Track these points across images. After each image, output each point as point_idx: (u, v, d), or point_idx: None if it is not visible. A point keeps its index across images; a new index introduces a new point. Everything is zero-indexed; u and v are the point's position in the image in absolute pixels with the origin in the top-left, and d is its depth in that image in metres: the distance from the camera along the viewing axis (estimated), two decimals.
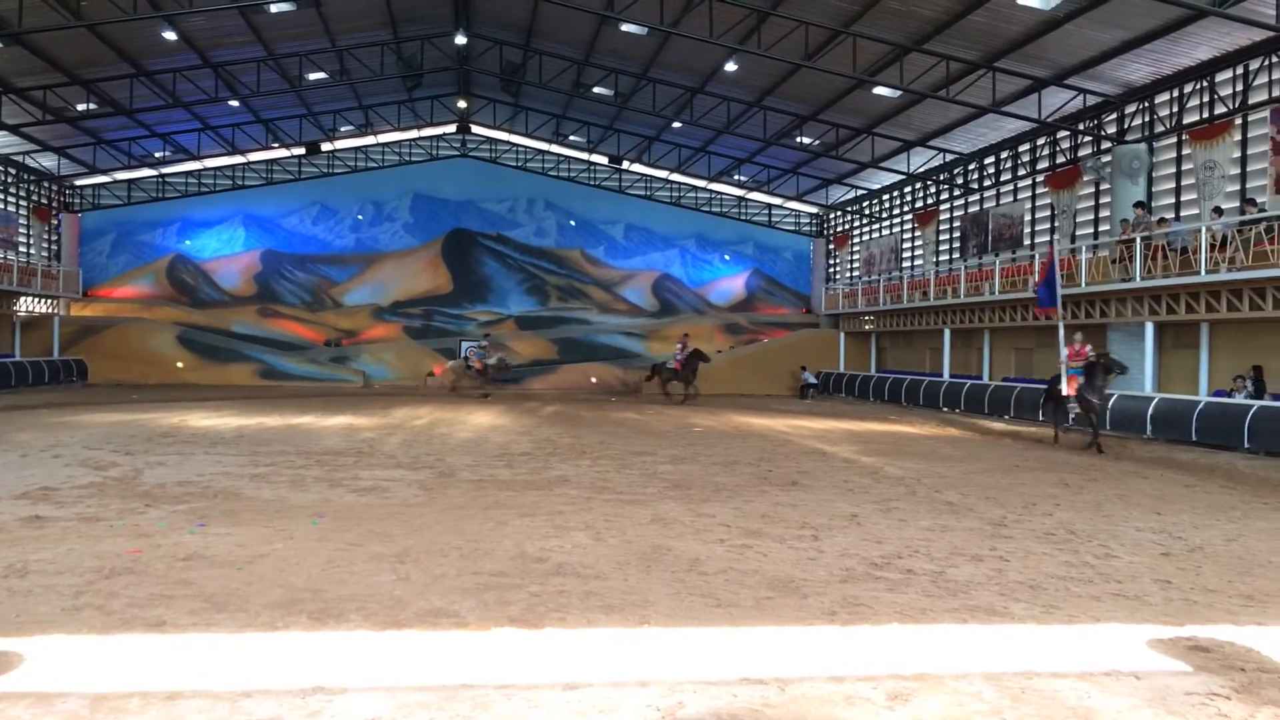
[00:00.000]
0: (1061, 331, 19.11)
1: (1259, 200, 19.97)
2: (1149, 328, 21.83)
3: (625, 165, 40.97)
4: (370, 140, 40.63)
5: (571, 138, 39.84)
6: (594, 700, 4.51)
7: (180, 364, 37.11)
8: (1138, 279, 21.30)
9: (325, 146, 39.43)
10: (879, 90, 26.30)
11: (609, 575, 7.03)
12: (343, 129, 38.51)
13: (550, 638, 5.52)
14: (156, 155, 37.69)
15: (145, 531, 8.35)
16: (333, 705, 4.40)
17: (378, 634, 5.52)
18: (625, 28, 25.27)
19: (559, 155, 42.06)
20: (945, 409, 28.38)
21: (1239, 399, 18.66)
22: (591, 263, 42.63)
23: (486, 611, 6.00)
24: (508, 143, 41.65)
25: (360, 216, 41.62)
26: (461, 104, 38.37)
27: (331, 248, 41.45)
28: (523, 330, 41.47)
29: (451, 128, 41.07)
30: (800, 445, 17.77)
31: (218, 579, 6.70)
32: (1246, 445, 17.31)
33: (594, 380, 40.07)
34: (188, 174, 40.20)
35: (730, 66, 27.26)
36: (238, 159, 39.59)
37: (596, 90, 31.82)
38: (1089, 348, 18.79)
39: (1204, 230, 19.73)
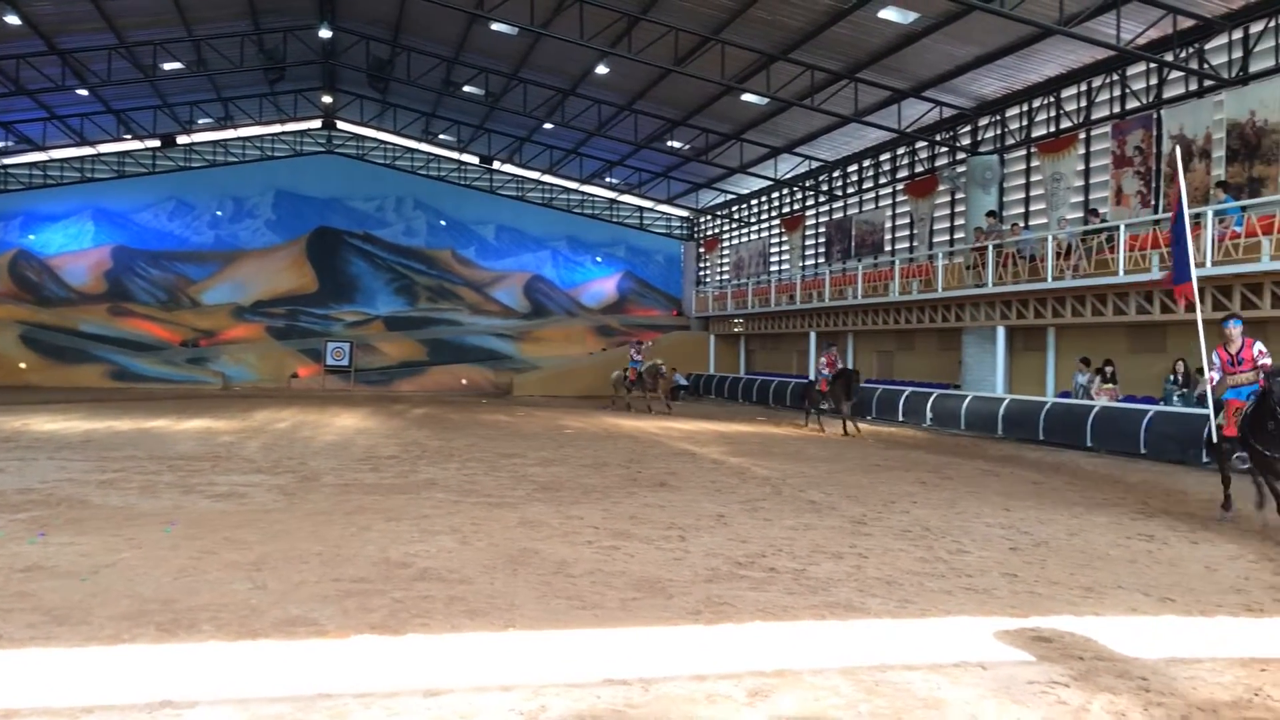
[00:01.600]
0: (1200, 323, 11.29)
1: (1101, 211, 21.07)
2: (1000, 331, 22.79)
3: (496, 165, 40.69)
4: (230, 134, 39.23)
5: (441, 136, 39.33)
6: (455, 706, 4.45)
7: (23, 365, 35.20)
8: (990, 285, 22.22)
9: (181, 139, 37.88)
10: (747, 97, 26.79)
11: (475, 579, 6.96)
12: (200, 121, 37.08)
13: (412, 644, 5.43)
14: None
15: None
16: (181, 719, 4.24)
17: (231, 644, 5.33)
18: (495, 27, 25.10)
19: (429, 154, 41.47)
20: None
21: (1095, 386, 19.65)
22: (462, 263, 42.18)
23: (347, 619, 5.87)
24: (375, 140, 40.86)
25: (219, 212, 40.22)
26: (326, 99, 37.48)
27: (189, 244, 39.92)
28: (391, 331, 40.73)
29: (316, 123, 40.08)
30: (669, 446, 17.93)
31: (59, 590, 6.37)
32: (1089, 444, 18.23)
33: (464, 382, 39.68)
34: (32, 165, 38.11)
35: (601, 69, 27.36)
36: (87, 150, 37.71)
37: (467, 89, 31.49)
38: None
39: (1050, 239, 20.73)
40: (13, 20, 24.10)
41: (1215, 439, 10.76)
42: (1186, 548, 8.94)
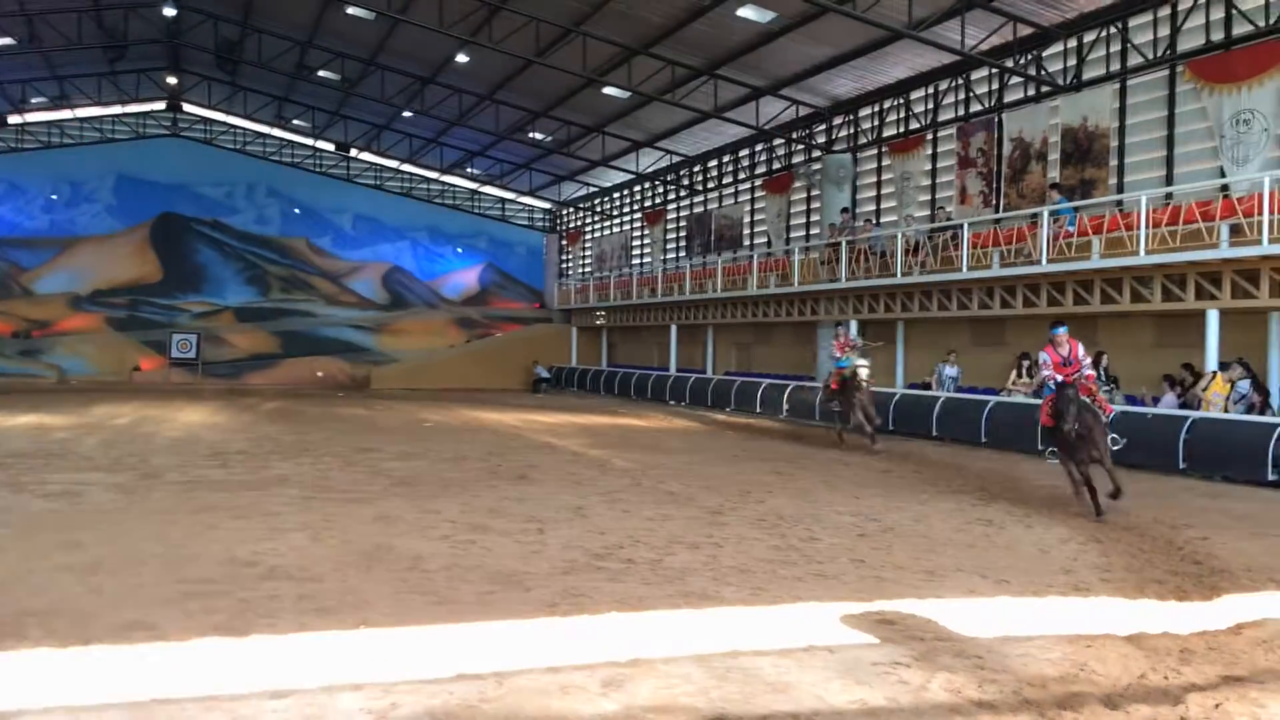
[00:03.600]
0: None
1: (947, 209, 21.94)
2: (853, 325, 23.46)
3: (353, 153, 39.72)
4: (66, 114, 37.10)
5: (295, 122, 38.15)
6: (302, 708, 4.34)
7: None
8: (843, 280, 22.88)
9: (13, 119, 35.71)
10: (609, 90, 26.87)
11: (326, 577, 6.80)
12: (34, 101, 34.93)
13: (258, 645, 5.27)
14: None
15: None
16: None
17: (61, 651, 5.07)
18: (351, 10, 24.51)
19: (282, 139, 40.15)
20: (672, 402, 29.38)
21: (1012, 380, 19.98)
22: (317, 253, 41.03)
23: (189, 621, 5.65)
24: (225, 124, 39.34)
25: (54, 196, 38.09)
26: (172, 80, 35.89)
27: (20, 229, 37.66)
28: (242, 322, 39.35)
29: (161, 105, 38.30)
30: (531, 439, 17.87)
31: None
32: (935, 433, 18.97)
33: (321, 374, 38.67)
34: None
35: (462, 58, 27.01)
36: None
37: (321, 74, 30.65)
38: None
39: (900, 236, 21.47)
40: None
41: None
42: (1022, 531, 9.41)
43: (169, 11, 27.38)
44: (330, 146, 39.54)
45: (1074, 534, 9.29)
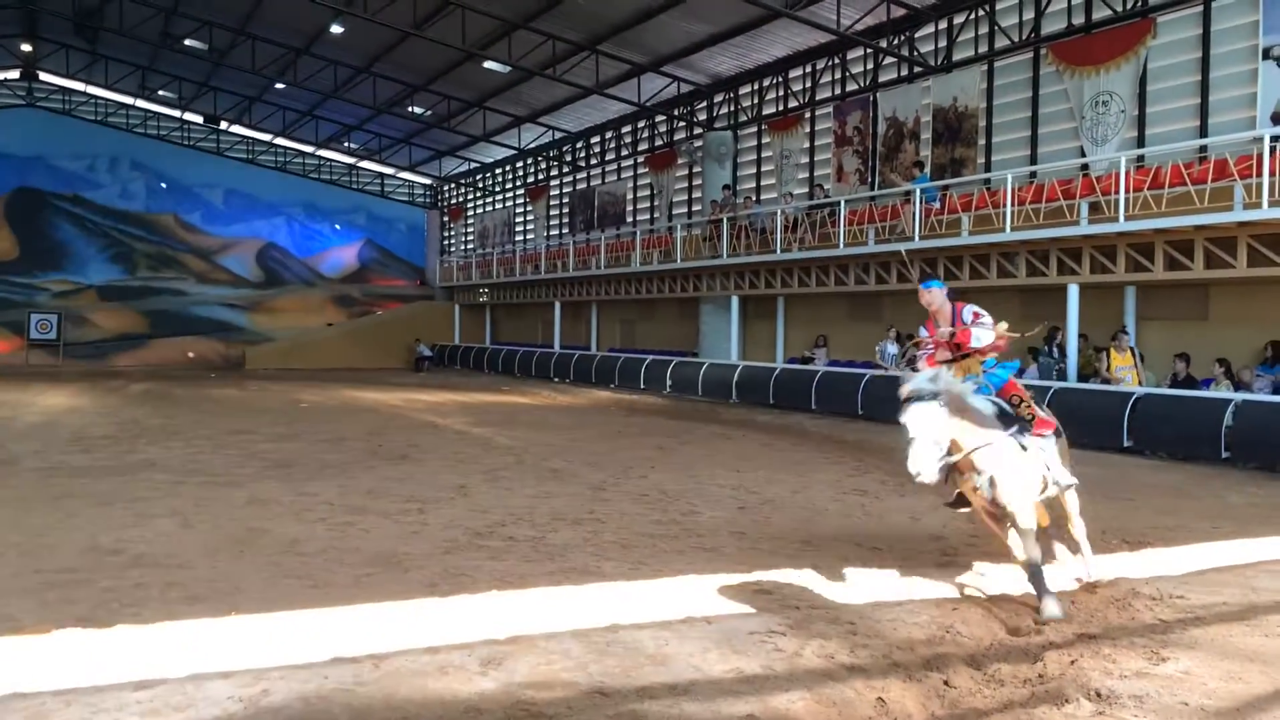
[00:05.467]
0: None
1: (825, 186, 22.36)
2: (734, 301, 23.80)
3: (223, 126, 38.29)
4: None
5: (161, 93, 36.57)
6: (169, 697, 4.21)
7: None
8: (725, 256, 23.14)
9: None
10: (489, 64, 26.53)
11: (196, 563, 6.61)
12: None
13: (123, 635, 5.09)
14: None
15: None
16: None
17: None
18: None
19: (146, 111, 38.43)
20: (556, 379, 29.32)
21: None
22: (187, 229, 39.53)
23: (47, 612, 5.43)
24: (84, 94, 37.46)
25: None
26: (26, 47, 34.00)
27: None
28: (106, 301, 37.69)
29: (15, 73, 36.24)
30: (412, 418, 17.63)
31: None
32: (814, 406, 19.39)
33: (192, 355, 37.38)
34: None
35: (336, 29, 26.29)
36: None
37: (188, 43, 29.44)
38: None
39: (779, 213, 21.80)
40: None
41: None
42: (895, 500, 9.71)
43: None
44: (199, 119, 38.05)
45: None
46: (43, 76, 36.68)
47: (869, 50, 21.32)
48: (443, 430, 15.75)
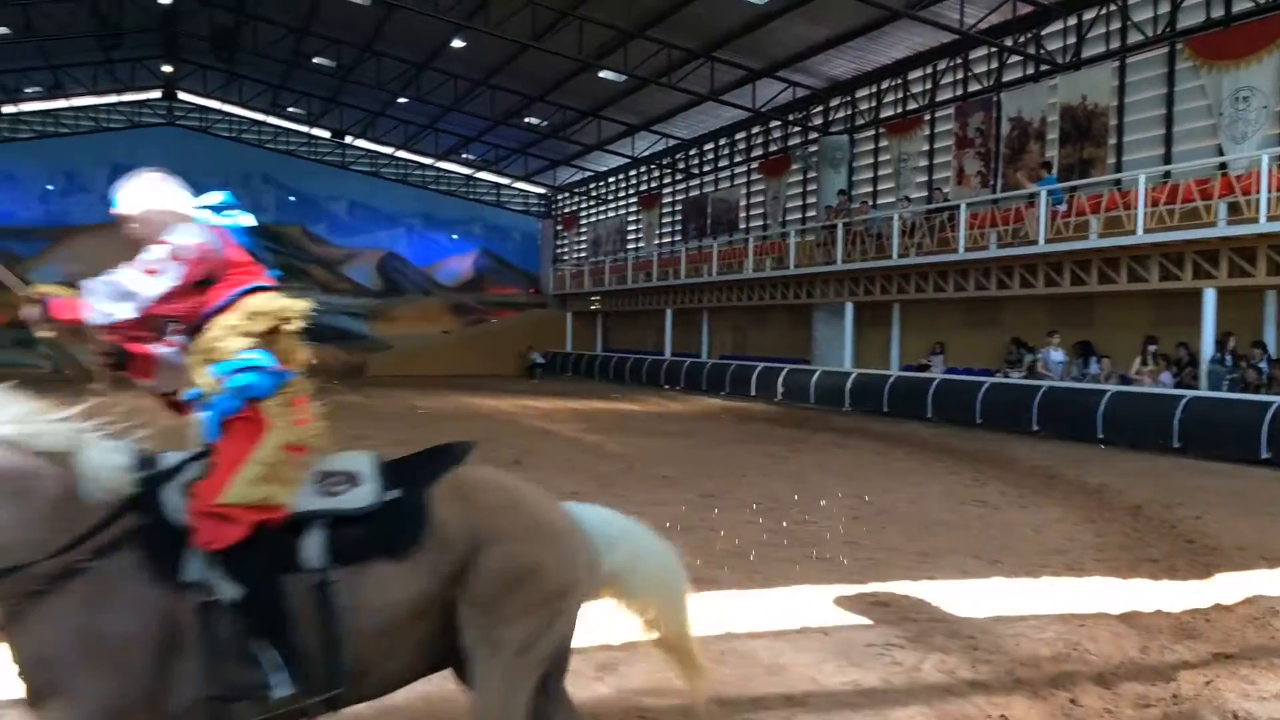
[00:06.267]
0: None
1: (945, 190, 21.88)
2: (849, 308, 23.46)
3: (349, 140, 39.56)
4: (61, 104, 36.94)
5: (291, 109, 38.01)
6: None
7: None
8: (839, 262, 22.84)
9: (7, 109, 35.56)
10: (605, 74, 26.76)
11: None
12: (28, 90, 34.80)
13: None
14: None
15: None
16: None
17: None
18: None
19: (277, 127, 39.99)
20: (667, 386, 29.35)
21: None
22: (313, 240, 40.94)
23: None
24: (220, 112, 39.17)
25: (50, 187, 37.93)
26: (167, 69, 35.72)
27: (15, 219, 37.51)
28: None
29: (156, 94, 38.13)
30: (526, 425, 17.85)
31: None
32: (930, 415, 18.98)
33: (315, 362, 38.53)
34: None
35: (457, 43, 26.88)
36: None
37: (317, 61, 30.51)
38: None
39: (896, 218, 21.42)
40: None
41: None
42: (1016, 512, 9.41)
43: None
44: (326, 134, 39.41)
45: (1068, 514, 9.29)
46: (182, 96, 38.50)
47: (993, 49, 20.82)
48: (555, 437, 15.90)
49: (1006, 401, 17.37)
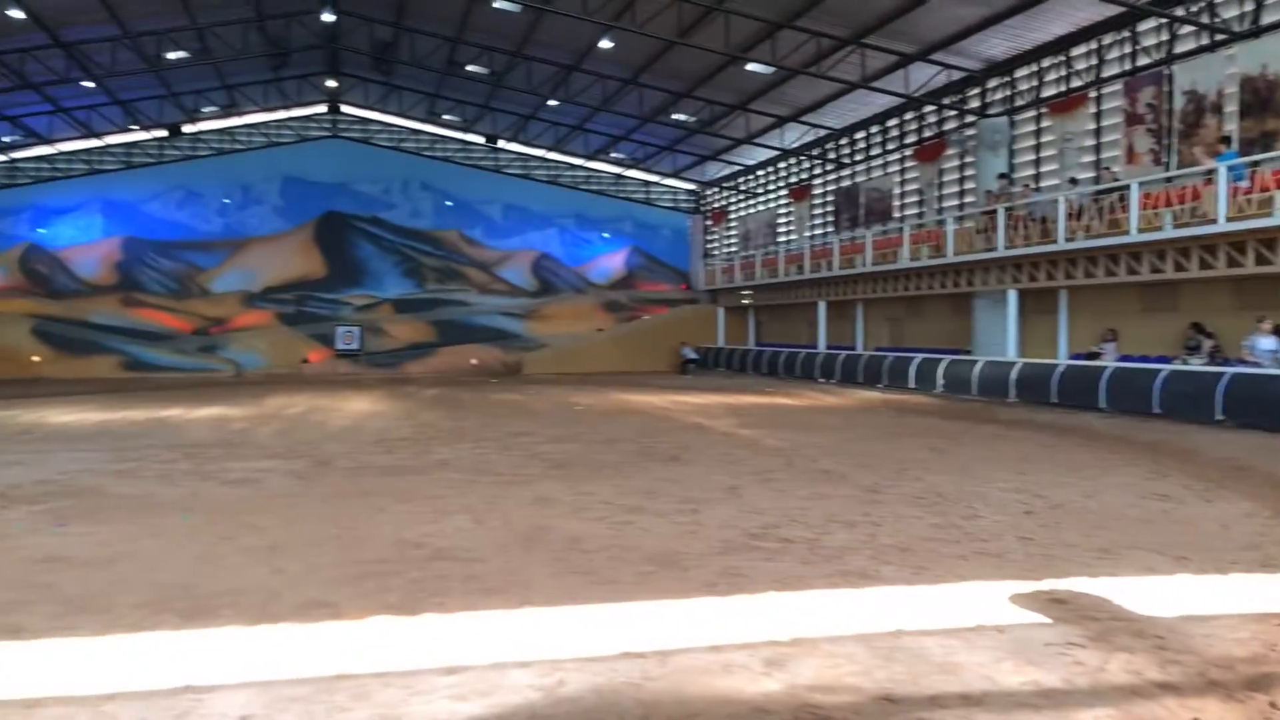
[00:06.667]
0: None
1: (1113, 169, 20.91)
2: (1011, 295, 22.68)
3: (501, 144, 40.58)
4: (236, 121, 39.25)
5: (446, 117, 39.24)
6: (474, 683, 4.48)
7: (36, 358, 35.37)
8: (1000, 248, 22.11)
9: (187, 128, 37.96)
10: (752, 67, 26.62)
11: (490, 558, 6.99)
12: (206, 110, 37.08)
13: (430, 623, 5.46)
14: (5, 140, 35.66)
15: (1, 534, 7.95)
16: (202, 704, 4.27)
17: (250, 629, 5.36)
18: (497, 4, 24.94)
19: (434, 135, 41.40)
20: (822, 379, 29.03)
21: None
22: (469, 243, 42.19)
23: (364, 600, 5.90)
24: (380, 123, 40.81)
25: (227, 200, 40.31)
26: (331, 83, 37.41)
27: (197, 233, 40.05)
28: (400, 314, 40.81)
29: (321, 108, 40.03)
30: (681, 420, 17.94)
31: (79, 580, 6.42)
32: (1103, 405, 18.17)
33: (474, 362, 39.73)
34: (39, 158, 38.23)
35: (605, 43, 27.19)
36: (94, 142, 37.78)
37: (470, 68, 31.38)
38: None
39: (1061, 200, 20.58)
40: (16, 14, 24.04)
41: None
42: (1201, 506, 8.92)
43: (327, 17, 28.51)
44: (480, 139, 40.51)
45: (1260, 508, 8.75)
46: (345, 109, 40.27)
47: (1163, 20, 19.76)
48: (711, 432, 15.92)
49: (1187, 389, 16.47)
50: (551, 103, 34.15)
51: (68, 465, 12.19)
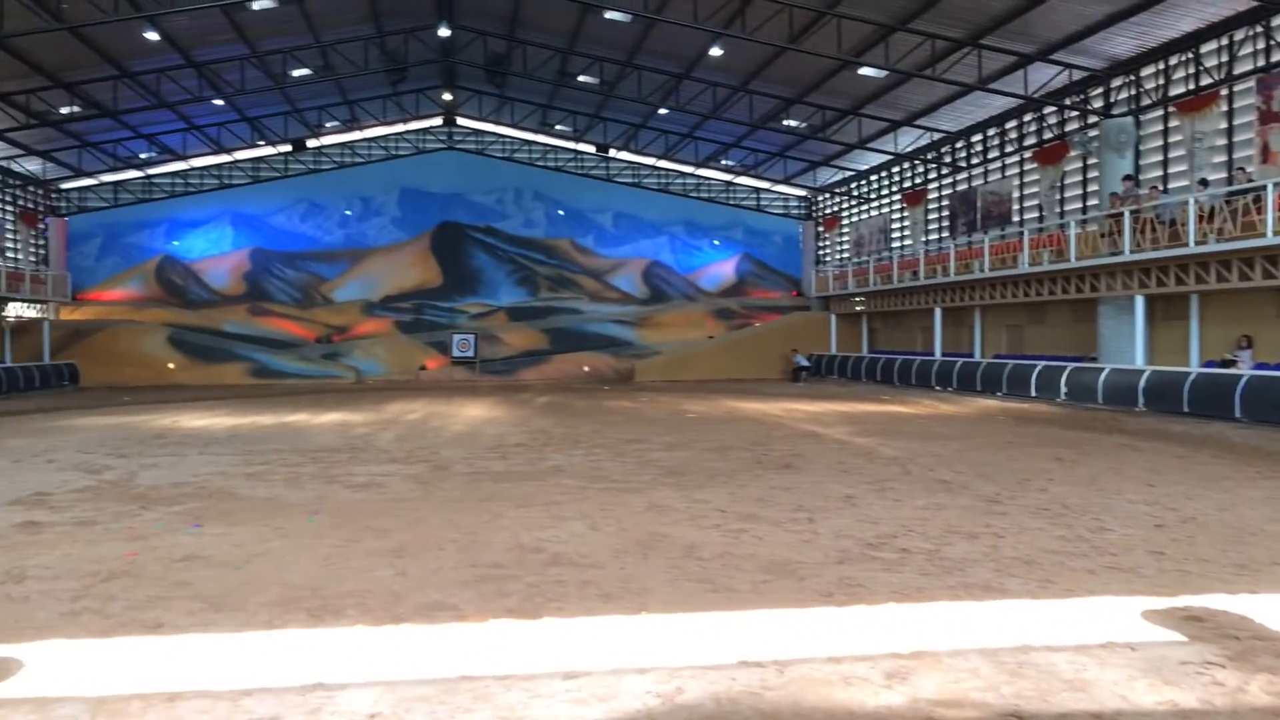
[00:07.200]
0: None
1: (1248, 169, 20.01)
2: (1139, 301, 21.88)
3: (612, 153, 40.91)
4: (356, 135, 40.56)
5: (558, 127, 39.78)
6: (593, 688, 4.52)
7: (171, 365, 37.04)
8: (1127, 252, 21.35)
9: (311, 143, 39.36)
10: (864, 71, 26.29)
11: (606, 564, 7.05)
12: (328, 125, 38.43)
13: (548, 627, 5.53)
14: (142, 156, 37.59)
15: (141, 534, 8.34)
16: (333, 701, 4.41)
17: (376, 629, 5.52)
18: (609, 15, 25.20)
19: (546, 145, 41.99)
20: (938, 387, 28.45)
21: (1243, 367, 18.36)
22: (581, 252, 42.63)
23: (484, 603, 6.01)
24: (494, 134, 41.59)
25: (348, 212, 41.58)
26: (447, 96, 38.28)
27: (320, 244, 41.42)
28: (514, 322, 41.47)
29: (437, 120, 41.01)
30: (794, 428, 17.79)
31: (215, 579, 6.69)
32: (1238, 415, 17.37)
33: (587, 369, 40.09)
34: (174, 174, 40.14)
35: (715, 51, 27.20)
36: (224, 158, 39.51)
37: (582, 79, 31.75)
38: None
39: (1192, 202, 19.77)
40: (152, 36, 25.33)
41: None
42: None
43: (444, 32, 29.22)
44: (591, 148, 40.94)
45: None
46: (460, 121, 41.16)
47: None
48: (824, 440, 15.74)
49: None
50: (662, 111, 34.30)
51: (201, 468, 12.73)
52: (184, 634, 5.48)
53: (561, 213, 42.59)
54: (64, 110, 29.66)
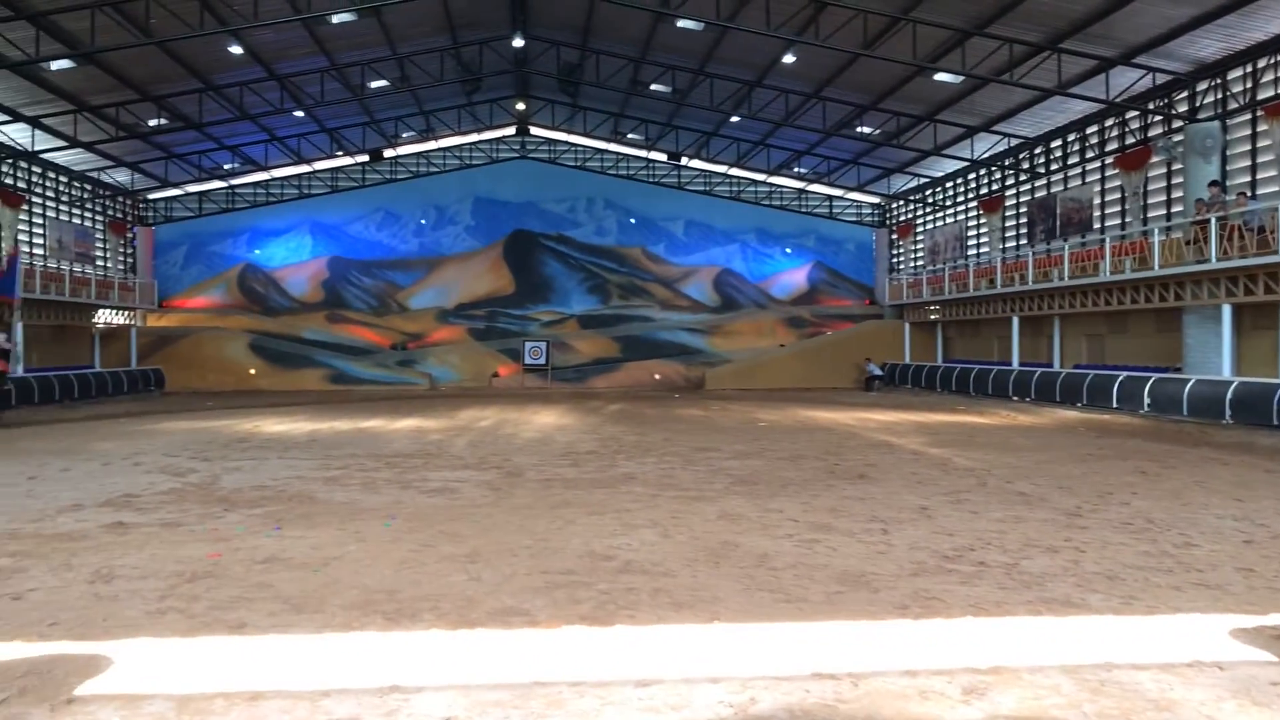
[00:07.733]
0: None
1: None
2: (1226, 310, 21.25)
3: (684, 161, 40.94)
4: (431, 145, 41.19)
5: (630, 136, 39.92)
6: (666, 697, 4.52)
7: (253, 371, 37.92)
8: (1213, 260, 20.76)
9: (388, 153, 40.06)
10: (940, 76, 25.96)
11: (677, 572, 7.04)
12: (404, 135, 39.06)
13: (621, 635, 5.55)
14: (225, 167, 38.61)
15: (224, 536, 8.55)
16: (409, 704, 4.47)
17: (451, 633, 5.59)
18: (681, 23, 25.24)
19: (618, 154, 42.20)
20: (1015, 398, 27.92)
21: None
22: (652, 260, 42.71)
23: (557, 610, 6.05)
24: (566, 143, 41.88)
25: (423, 221, 42.21)
26: (520, 106, 38.67)
27: (396, 253, 42.12)
28: (585, 329, 41.68)
29: (511, 130, 41.44)
30: (867, 438, 17.60)
31: (295, 581, 6.83)
32: None
33: (658, 377, 40.11)
34: (256, 184, 41.18)
35: (788, 58, 27.09)
36: (304, 168, 40.42)
37: (654, 87, 31.85)
38: None
39: None
40: (236, 50, 26.03)
41: None
42: None
43: (517, 42, 29.56)
44: (662, 157, 41.01)
45: None
46: (533, 131, 41.57)
47: None
48: (898, 450, 15.55)
49: None
50: (734, 119, 34.26)
51: (280, 472, 13.01)
52: (265, 634, 5.61)
53: (633, 221, 42.73)
54: (152, 123, 30.60)
